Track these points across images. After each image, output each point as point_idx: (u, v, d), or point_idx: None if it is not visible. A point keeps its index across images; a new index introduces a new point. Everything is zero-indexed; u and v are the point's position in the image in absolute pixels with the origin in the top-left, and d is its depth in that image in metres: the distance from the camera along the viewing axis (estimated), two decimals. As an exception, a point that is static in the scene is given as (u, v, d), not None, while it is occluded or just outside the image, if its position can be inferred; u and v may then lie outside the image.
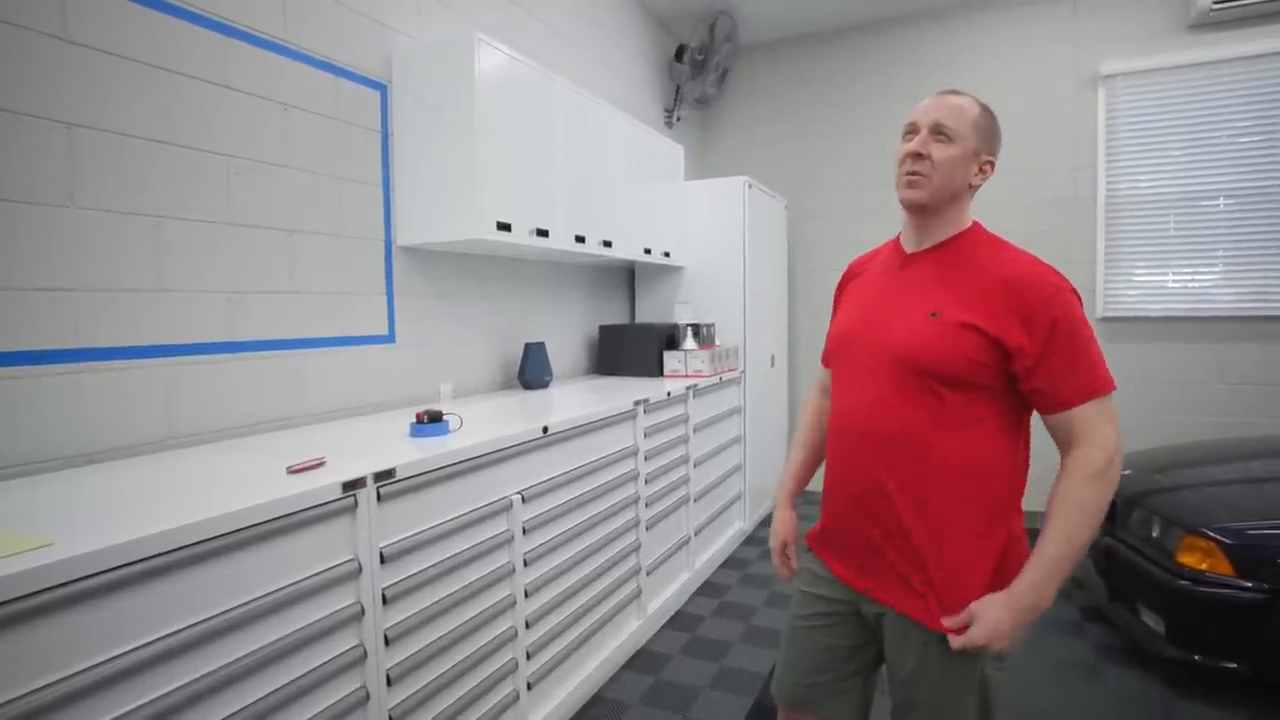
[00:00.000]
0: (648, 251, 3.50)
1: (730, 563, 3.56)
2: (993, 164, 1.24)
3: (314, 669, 1.36)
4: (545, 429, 2.04)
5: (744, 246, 3.83)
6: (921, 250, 1.29)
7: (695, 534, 3.21)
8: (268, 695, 1.27)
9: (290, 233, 2.13)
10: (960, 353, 1.15)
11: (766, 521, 4.22)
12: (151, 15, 1.76)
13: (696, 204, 3.93)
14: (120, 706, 1.06)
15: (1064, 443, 1.15)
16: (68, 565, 1.00)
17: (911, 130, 1.25)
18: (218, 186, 1.93)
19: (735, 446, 3.73)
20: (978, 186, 1.26)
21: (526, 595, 1.98)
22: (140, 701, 1.09)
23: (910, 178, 1.23)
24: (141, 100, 1.74)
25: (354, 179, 2.34)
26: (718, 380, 3.43)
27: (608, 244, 3.12)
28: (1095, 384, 1.12)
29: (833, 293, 1.54)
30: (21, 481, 1.47)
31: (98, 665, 1.04)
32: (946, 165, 1.21)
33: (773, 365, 4.31)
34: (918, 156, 1.22)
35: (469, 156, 2.34)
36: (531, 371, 2.94)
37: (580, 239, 2.91)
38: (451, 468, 1.70)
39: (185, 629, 1.15)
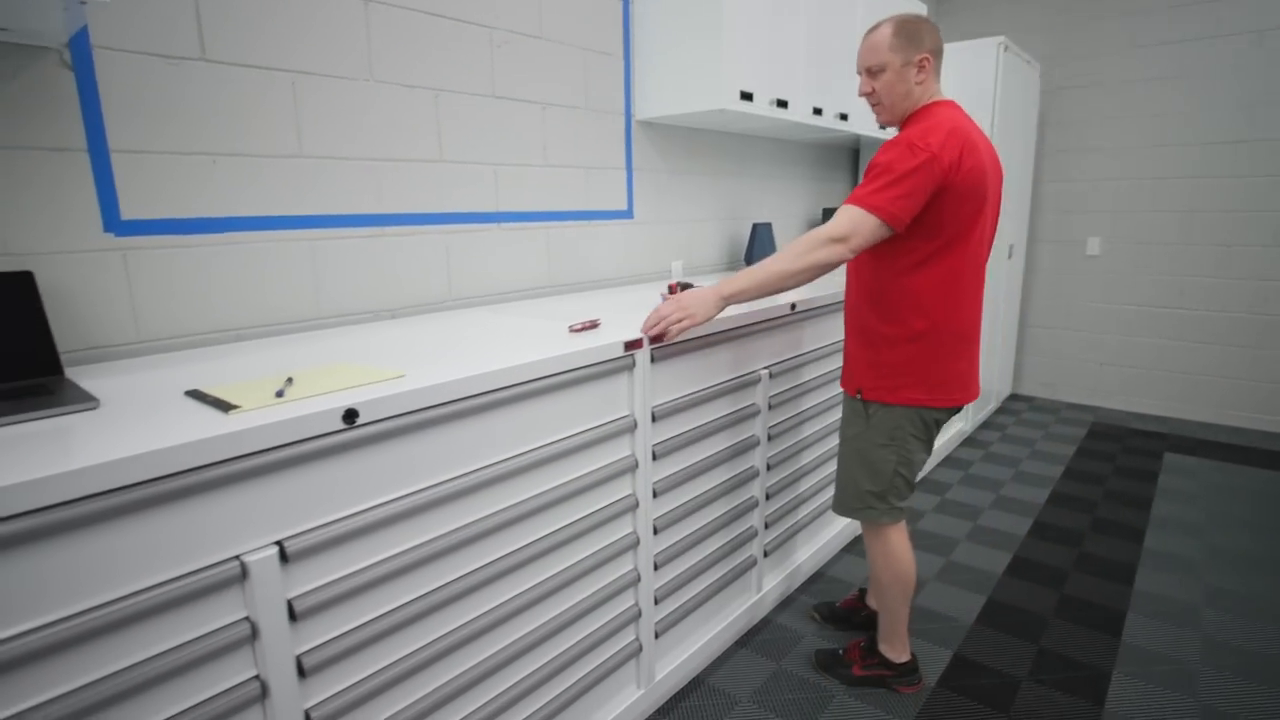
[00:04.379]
0: (883, 127, 3.20)
1: (950, 462, 3.40)
2: (928, 57, 1.55)
3: (596, 510, 1.47)
4: (793, 306, 1.98)
5: (992, 120, 3.38)
6: None
7: (917, 429, 3.07)
8: (565, 527, 1.40)
9: (543, 106, 2.17)
10: None
11: (988, 424, 3.95)
12: (428, -120, 1.79)
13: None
14: (456, 521, 1.21)
15: None
16: (422, 394, 1.12)
17: (858, 73, 1.63)
18: (482, 58, 1.98)
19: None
20: (926, 80, 1.57)
21: (769, 468, 2.01)
22: (472, 518, 1.23)
23: (874, 109, 1.64)
24: (423, -30, 1.80)
25: (597, 49, 2.31)
26: (953, 269, 3.15)
27: (843, 117, 2.89)
28: (859, 198, 1.48)
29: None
30: (341, 329, 1.68)
31: (448, 480, 1.18)
32: (887, 91, 1.58)
33: (1010, 256, 3.89)
34: (868, 95, 1.62)
35: (714, 21, 2.21)
36: (759, 251, 2.86)
37: (818, 111, 2.72)
38: (709, 337, 1.71)
39: (504, 460, 1.27)
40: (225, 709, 0.95)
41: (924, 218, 1.51)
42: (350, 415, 1.03)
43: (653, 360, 1.55)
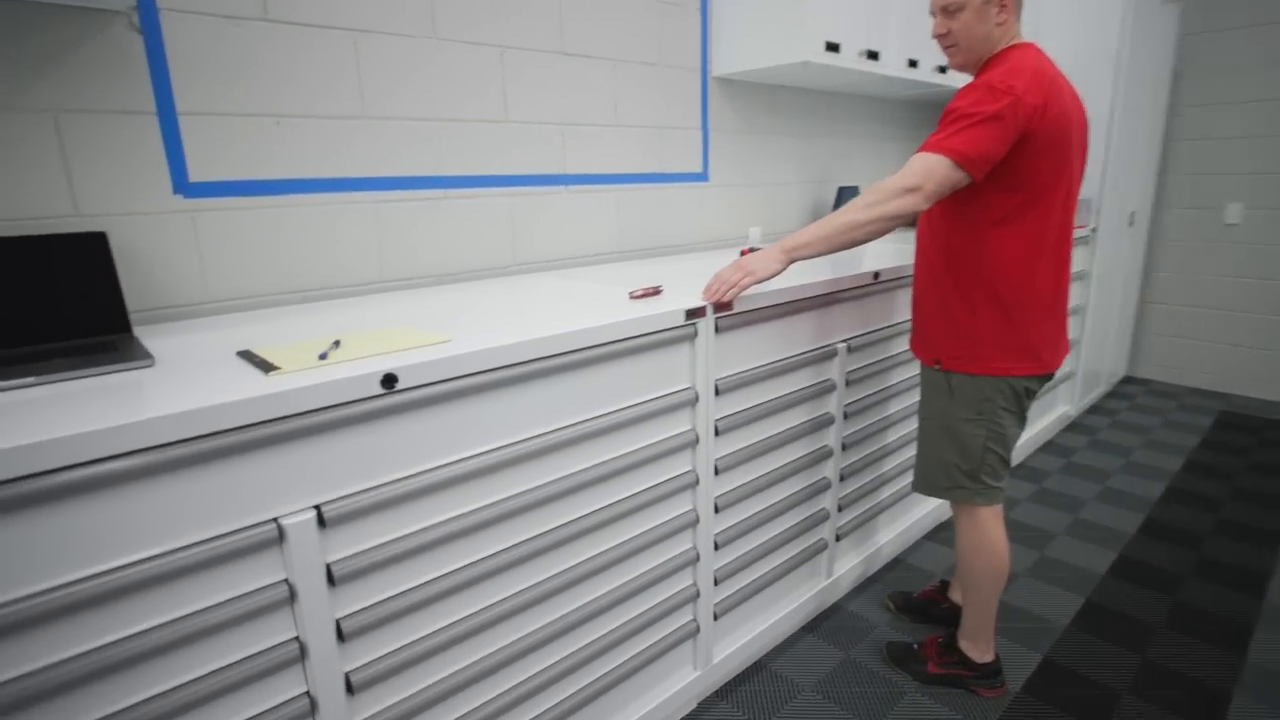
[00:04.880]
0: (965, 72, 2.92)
1: (1050, 448, 3.14)
2: None
3: (651, 486, 1.41)
4: (877, 275, 1.83)
5: (1115, 72, 3.02)
6: None
7: (1014, 412, 2.84)
8: (617, 502, 1.35)
9: (614, 63, 2.08)
10: None
11: (1096, 408, 3.63)
12: None
13: (1053, 17, 3.15)
14: (501, 492, 1.18)
15: None
16: (464, 360, 1.07)
17: (931, 14, 1.47)
18: (550, 13, 1.90)
19: (1073, 318, 3.16)
20: (1007, 20, 1.40)
21: (844, 448, 1.88)
22: (518, 490, 1.19)
23: (947, 52, 1.48)
24: (488, -80, 1.73)
25: (671, 0, 2.19)
26: (1063, 237, 2.86)
27: (942, 70, 2.65)
28: (934, 144, 1.34)
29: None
30: (404, 293, 1.67)
31: (493, 450, 1.14)
32: (966, 32, 1.41)
33: (1131, 224, 3.51)
34: (942, 36, 1.45)
35: (798, -38, 2.05)
36: (843, 218, 2.69)
37: (913, 63, 2.50)
38: (781, 307, 1.59)
39: (553, 431, 1.22)
40: (266, 667, 0.95)
41: (1005, 169, 1.36)
42: (389, 380, 1.00)
43: (717, 330, 1.46)
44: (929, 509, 2.38)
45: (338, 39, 1.53)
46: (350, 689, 1.04)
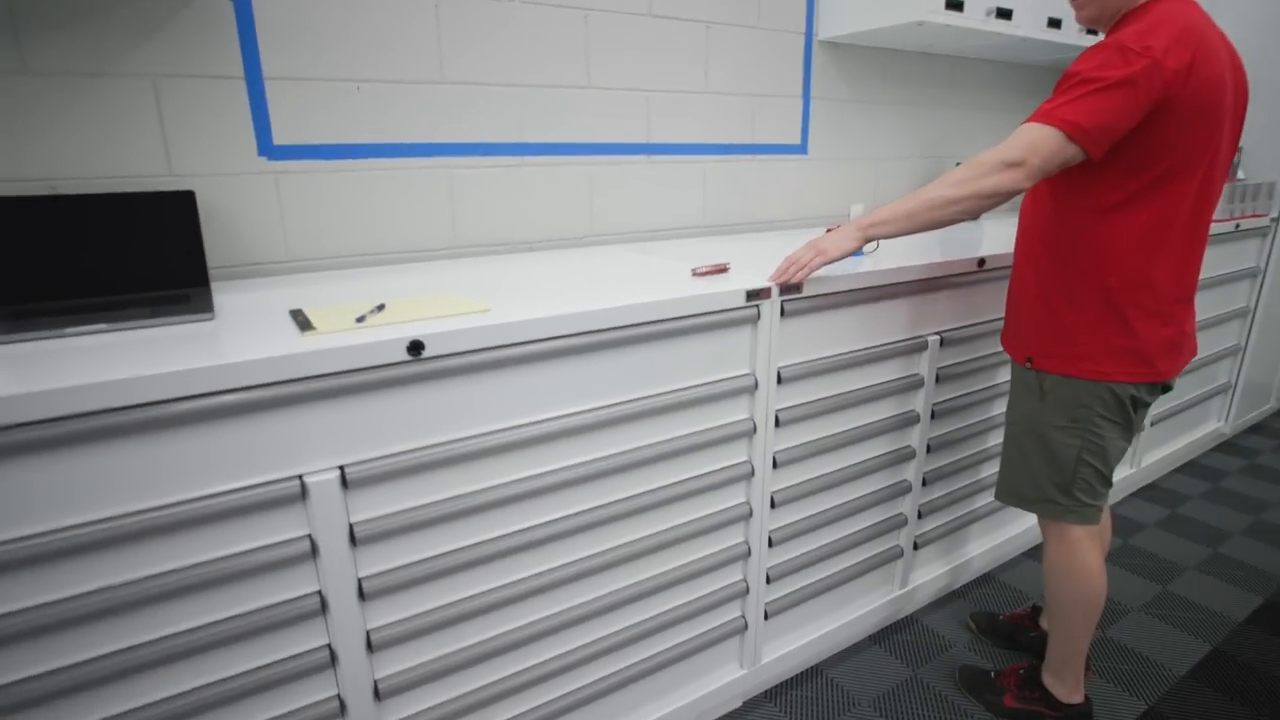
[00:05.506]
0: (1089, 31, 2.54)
1: (1193, 469, 2.75)
2: None
3: (701, 475, 1.34)
4: (982, 261, 1.64)
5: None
6: None
7: (1150, 423, 2.50)
8: (665, 486, 1.29)
9: (707, 25, 1.97)
10: None
11: (1259, 428, 3.15)
12: None
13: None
14: (533, 469, 1.15)
15: None
16: (494, 331, 1.05)
17: None
18: (642, -27, 1.83)
19: (1236, 321, 2.73)
20: None
21: (929, 450, 1.72)
22: (551, 468, 1.16)
23: (1074, 3, 1.29)
24: (579, -125, 1.67)
25: (778, -42, 2.05)
26: (1232, 228, 2.47)
27: (1093, 31, 2.32)
28: (1045, 113, 1.15)
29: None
30: (476, 260, 1.68)
31: (526, 425, 1.12)
32: None
33: (1326, 214, 2.97)
34: None
35: (920, -91, 1.85)
36: (959, 198, 2.45)
37: (1054, 23, 2.20)
38: (863, 292, 1.46)
39: (591, 410, 1.18)
40: (288, 617, 0.98)
41: (1133, 145, 1.15)
42: (416, 347, 0.98)
43: (783, 314, 1.35)
44: (1030, 522, 2.15)
45: (419, 2, 1.53)
46: (371, 647, 1.06)
